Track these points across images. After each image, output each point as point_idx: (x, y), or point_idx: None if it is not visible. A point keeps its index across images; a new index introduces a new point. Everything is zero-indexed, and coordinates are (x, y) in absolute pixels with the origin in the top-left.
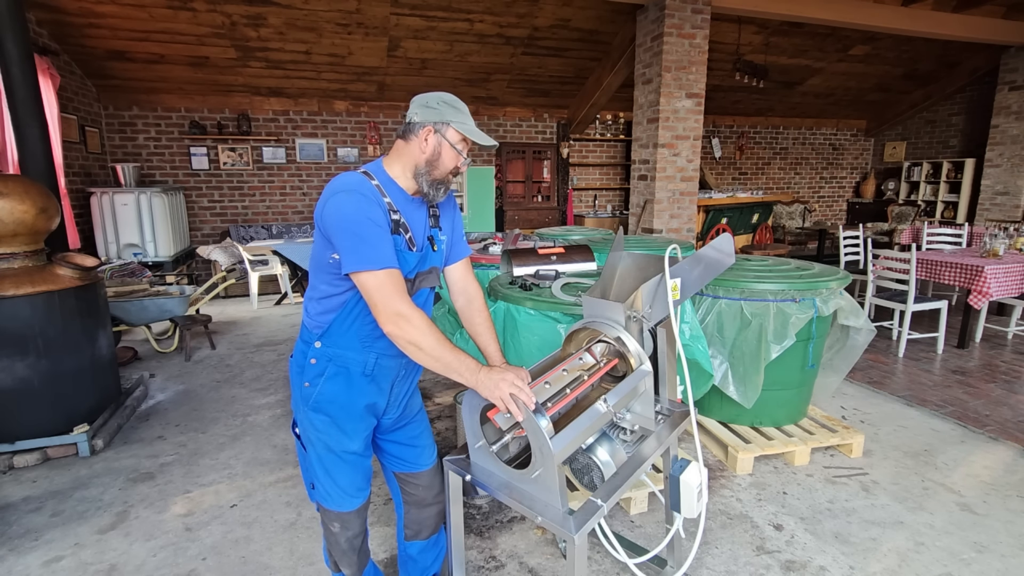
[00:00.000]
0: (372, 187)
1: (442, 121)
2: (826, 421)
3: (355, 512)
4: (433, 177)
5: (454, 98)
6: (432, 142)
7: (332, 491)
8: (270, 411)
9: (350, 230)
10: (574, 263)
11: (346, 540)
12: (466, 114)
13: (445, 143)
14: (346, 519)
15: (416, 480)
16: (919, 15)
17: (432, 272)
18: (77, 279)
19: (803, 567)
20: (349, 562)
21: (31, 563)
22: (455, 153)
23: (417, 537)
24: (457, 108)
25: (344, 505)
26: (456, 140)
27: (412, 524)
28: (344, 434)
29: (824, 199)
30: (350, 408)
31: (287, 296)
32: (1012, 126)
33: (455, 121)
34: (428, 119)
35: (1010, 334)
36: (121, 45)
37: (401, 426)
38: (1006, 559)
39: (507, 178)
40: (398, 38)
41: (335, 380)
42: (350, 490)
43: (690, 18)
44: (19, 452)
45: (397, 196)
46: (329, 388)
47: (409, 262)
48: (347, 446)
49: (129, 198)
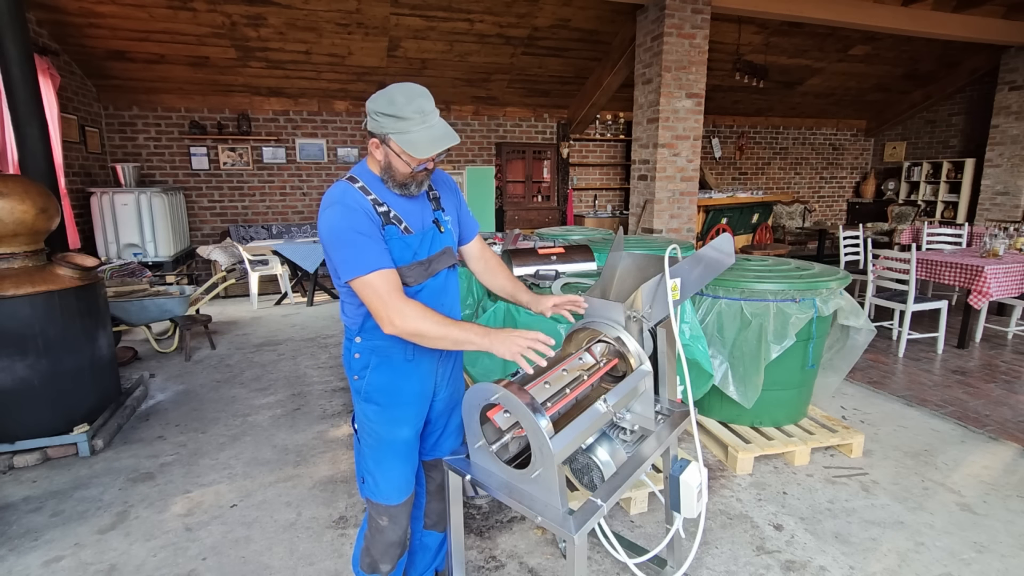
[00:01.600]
0: (355, 191)
1: (383, 133)
2: (826, 421)
3: (402, 505)
4: (396, 181)
5: (397, 100)
6: (380, 153)
7: (382, 483)
8: (270, 411)
9: (337, 243)
10: (574, 263)
11: (393, 533)
12: (411, 118)
13: (391, 152)
14: (394, 513)
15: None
16: (919, 15)
17: (446, 252)
18: (77, 279)
19: (803, 567)
20: (392, 557)
21: (31, 563)
22: (403, 161)
23: (435, 528)
24: (398, 116)
25: (392, 498)
26: (400, 151)
27: (432, 514)
28: (394, 422)
29: (824, 199)
30: (398, 395)
31: (287, 296)
32: (1012, 126)
33: (394, 132)
34: (373, 130)
35: (1010, 334)
36: (121, 45)
37: (451, 408)
38: (1006, 559)
39: (507, 178)
40: (398, 38)
41: (380, 370)
42: (399, 482)
43: (690, 18)
44: (19, 452)
45: (382, 191)
46: (376, 378)
47: (411, 244)
48: (397, 434)
49: (129, 198)
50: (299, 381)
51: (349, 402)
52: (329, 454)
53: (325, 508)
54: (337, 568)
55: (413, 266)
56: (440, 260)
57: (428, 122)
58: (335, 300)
